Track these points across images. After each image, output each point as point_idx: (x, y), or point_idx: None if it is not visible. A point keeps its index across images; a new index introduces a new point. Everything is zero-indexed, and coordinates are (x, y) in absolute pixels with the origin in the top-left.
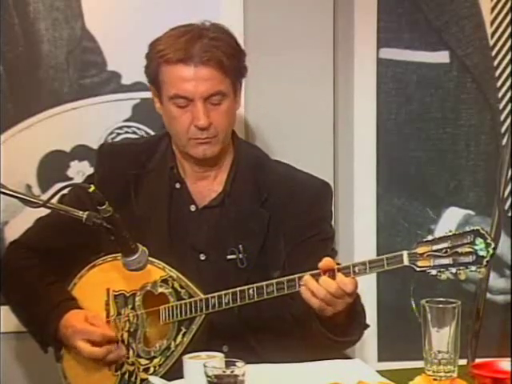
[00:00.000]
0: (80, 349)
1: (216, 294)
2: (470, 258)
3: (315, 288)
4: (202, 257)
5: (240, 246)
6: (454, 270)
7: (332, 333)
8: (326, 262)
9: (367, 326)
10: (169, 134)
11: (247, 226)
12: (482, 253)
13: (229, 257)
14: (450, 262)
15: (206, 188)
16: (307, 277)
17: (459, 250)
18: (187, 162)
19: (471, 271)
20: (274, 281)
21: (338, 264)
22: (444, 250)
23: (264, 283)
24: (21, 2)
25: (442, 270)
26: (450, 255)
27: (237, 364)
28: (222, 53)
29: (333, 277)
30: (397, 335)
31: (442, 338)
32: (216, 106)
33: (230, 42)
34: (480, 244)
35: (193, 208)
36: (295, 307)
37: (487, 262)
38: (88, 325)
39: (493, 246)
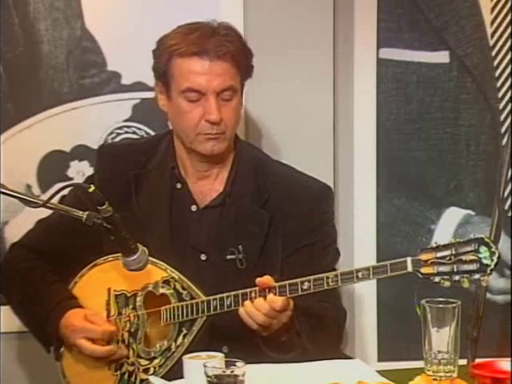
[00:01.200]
0: (81, 347)
1: (218, 296)
2: (473, 266)
3: (253, 312)
4: (203, 257)
5: (240, 246)
6: (457, 278)
7: (265, 345)
8: (264, 279)
9: (303, 350)
10: (169, 133)
11: (247, 227)
12: (486, 261)
13: (228, 257)
14: (454, 269)
15: (207, 187)
16: (247, 301)
17: (463, 257)
18: (191, 160)
19: (475, 279)
20: (277, 284)
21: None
22: (448, 258)
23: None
24: (21, 2)
25: (445, 277)
26: (454, 263)
27: (237, 364)
28: (236, 48)
29: (264, 297)
30: (397, 335)
31: (441, 338)
32: (227, 102)
33: (240, 40)
34: (484, 252)
35: (194, 208)
36: None
37: (491, 270)
38: (87, 323)
39: (497, 254)
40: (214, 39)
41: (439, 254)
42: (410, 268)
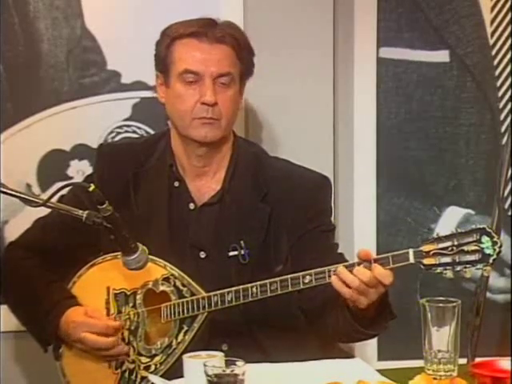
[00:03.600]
0: (84, 339)
1: (219, 292)
2: (475, 256)
3: (349, 278)
4: (202, 255)
5: (242, 241)
6: (459, 268)
7: (361, 325)
8: (364, 250)
9: (395, 316)
10: (168, 132)
11: (248, 222)
12: (488, 251)
13: (230, 253)
14: (456, 259)
15: (205, 186)
16: (341, 267)
17: (465, 248)
18: (187, 155)
19: (477, 269)
20: (278, 278)
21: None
22: (450, 248)
23: (267, 281)
24: (21, 2)
25: (447, 267)
26: (456, 253)
27: (237, 363)
28: (237, 36)
29: (369, 268)
30: (397, 334)
31: (441, 337)
32: (224, 89)
33: (242, 33)
34: (486, 242)
35: (192, 206)
36: (306, 301)
37: (494, 260)
38: (89, 318)
39: (499, 244)
40: (216, 26)
41: (441, 245)
42: (411, 259)
